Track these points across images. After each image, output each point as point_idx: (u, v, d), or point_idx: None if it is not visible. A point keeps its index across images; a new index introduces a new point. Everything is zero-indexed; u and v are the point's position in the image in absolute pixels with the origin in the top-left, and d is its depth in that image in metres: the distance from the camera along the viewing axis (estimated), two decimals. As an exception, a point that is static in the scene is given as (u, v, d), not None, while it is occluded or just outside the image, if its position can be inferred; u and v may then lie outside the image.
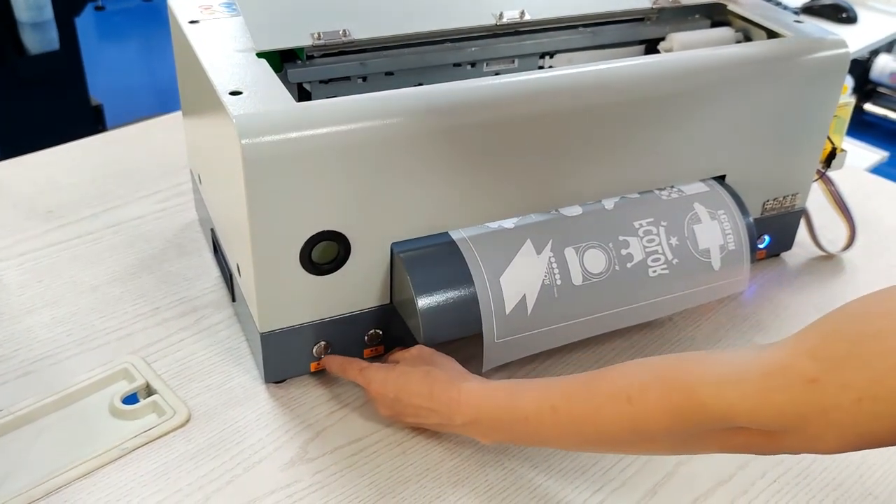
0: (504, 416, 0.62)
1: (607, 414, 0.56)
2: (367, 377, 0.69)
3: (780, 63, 0.76)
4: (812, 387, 0.46)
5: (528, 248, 0.70)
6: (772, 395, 0.48)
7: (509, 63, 0.82)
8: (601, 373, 0.58)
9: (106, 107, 2.27)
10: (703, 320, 0.82)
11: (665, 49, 0.83)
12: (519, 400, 0.61)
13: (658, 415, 0.53)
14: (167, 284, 0.84)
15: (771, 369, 0.48)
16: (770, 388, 0.48)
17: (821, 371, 0.46)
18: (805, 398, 0.46)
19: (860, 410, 0.44)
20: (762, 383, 0.48)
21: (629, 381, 0.55)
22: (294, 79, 0.73)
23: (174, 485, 0.64)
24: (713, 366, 0.52)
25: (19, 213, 0.95)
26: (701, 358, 0.54)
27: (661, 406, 0.53)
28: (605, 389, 0.57)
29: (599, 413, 0.56)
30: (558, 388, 0.60)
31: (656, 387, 0.53)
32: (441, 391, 0.64)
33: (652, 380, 0.54)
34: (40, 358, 0.75)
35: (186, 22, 0.76)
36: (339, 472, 0.66)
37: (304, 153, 0.61)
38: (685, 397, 0.52)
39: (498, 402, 0.62)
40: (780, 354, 0.48)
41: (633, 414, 0.54)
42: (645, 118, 0.72)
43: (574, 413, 0.58)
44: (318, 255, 0.66)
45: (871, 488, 0.66)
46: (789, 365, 0.47)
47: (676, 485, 0.66)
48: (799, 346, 0.48)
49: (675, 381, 0.53)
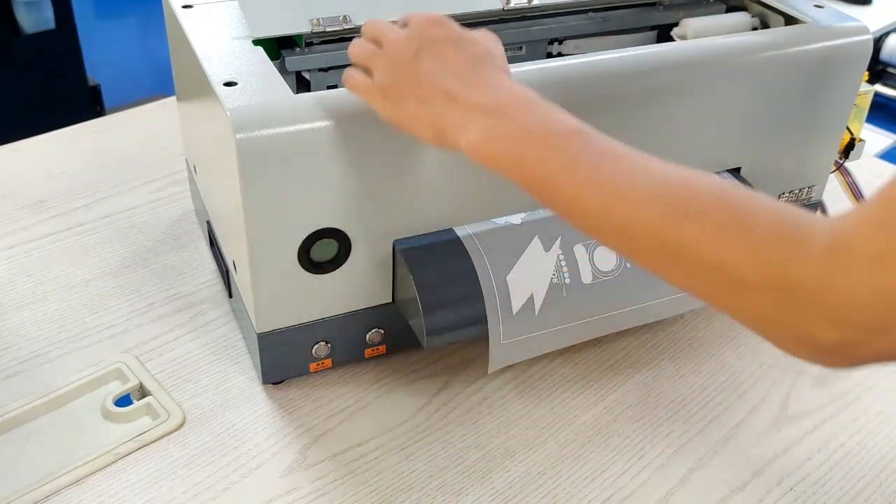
0: (549, 148, 0.48)
1: (655, 208, 0.45)
2: (392, 35, 0.56)
3: (798, 51, 0.73)
4: (880, 266, 0.38)
5: (536, 245, 0.67)
6: (834, 278, 0.39)
7: (517, 50, 0.78)
8: (671, 166, 0.48)
9: (103, 87, 2.24)
10: (716, 318, 0.80)
11: (678, 35, 0.80)
12: (556, 120, 0.49)
13: (709, 246, 0.43)
14: (162, 279, 0.82)
15: (835, 244, 0.40)
16: (832, 269, 0.40)
17: (888, 244, 0.38)
18: (871, 281, 0.39)
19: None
20: (825, 261, 0.40)
21: (695, 195, 0.45)
22: (292, 67, 0.70)
23: (168, 493, 0.62)
24: (785, 224, 0.43)
25: (9, 203, 0.92)
26: (777, 208, 0.44)
27: (718, 239, 0.43)
28: (662, 181, 0.46)
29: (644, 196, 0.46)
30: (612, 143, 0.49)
31: (720, 217, 0.44)
32: (484, 64, 0.53)
33: (718, 210, 0.44)
34: (29, 357, 0.72)
35: (180, 6, 0.73)
36: (339, 479, 0.63)
37: (301, 147, 0.58)
38: (743, 242, 0.43)
39: (557, 127, 0.49)
40: (845, 225, 0.40)
41: (681, 231, 0.44)
42: (657, 108, 0.69)
43: (615, 171, 0.48)
44: (317, 253, 0.63)
45: (890, 498, 0.64)
46: (853, 239, 0.40)
47: (689, 493, 0.64)
48: (866, 215, 0.40)
49: (741, 221, 0.43)
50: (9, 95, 1.98)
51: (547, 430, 0.68)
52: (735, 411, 0.71)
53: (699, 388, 0.73)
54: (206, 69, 0.63)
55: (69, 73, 2.10)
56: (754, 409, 0.71)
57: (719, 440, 0.68)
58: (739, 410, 0.71)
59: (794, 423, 0.70)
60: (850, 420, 0.70)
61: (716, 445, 0.67)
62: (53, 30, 2.00)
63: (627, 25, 0.81)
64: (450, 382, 0.72)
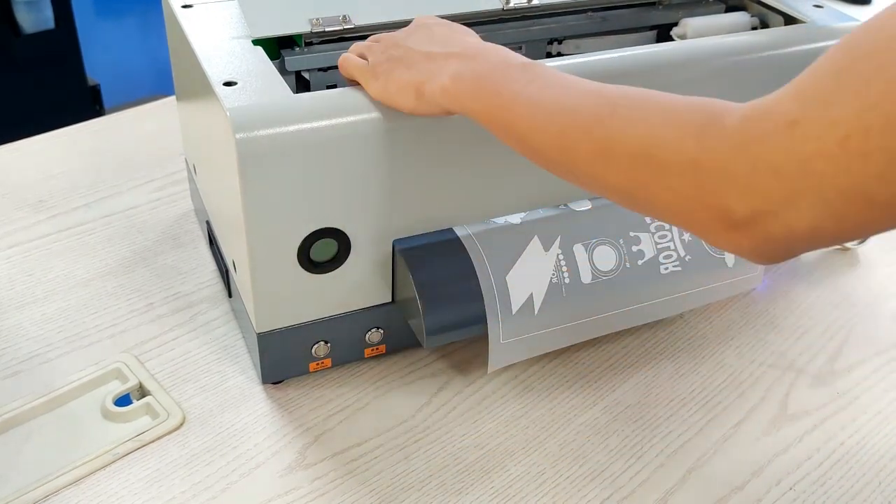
0: (499, 74, 0.53)
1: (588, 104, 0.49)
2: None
3: (798, 51, 0.72)
4: (792, 130, 0.38)
5: (536, 244, 0.67)
6: (750, 147, 0.40)
7: (516, 49, 0.78)
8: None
9: (103, 87, 2.23)
10: (716, 317, 0.80)
11: (678, 35, 0.80)
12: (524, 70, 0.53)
13: (636, 130, 0.46)
14: (161, 278, 0.82)
15: (752, 114, 0.41)
16: (748, 135, 0.40)
17: (801, 111, 0.38)
18: (786, 146, 0.38)
19: (846, 151, 0.36)
20: (741, 127, 0.41)
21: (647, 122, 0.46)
22: (292, 67, 0.70)
23: (168, 492, 0.62)
24: (707, 104, 0.44)
25: (8, 202, 0.92)
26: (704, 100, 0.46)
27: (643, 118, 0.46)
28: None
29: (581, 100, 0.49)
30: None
31: (645, 106, 0.46)
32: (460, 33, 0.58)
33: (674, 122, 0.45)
34: (29, 357, 0.72)
35: (179, 6, 0.73)
36: (338, 479, 0.63)
37: (301, 147, 0.58)
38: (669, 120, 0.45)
39: (510, 63, 0.54)
40: (765, 100, 0.41)
41: (613, 126, 0.47)
42: (658, 109, 0.69)
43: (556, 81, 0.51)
44: (316, 252, 0.63)
45: (890, 497, 0.64)
46: (770, 108, 0.40)
47: (689, 492, 0.64)
48: (786, 90, 0.41)
49: (663, 103, 0.46)
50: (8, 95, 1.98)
51: (546, 430, 0.68)
52: (734, 411, 0.71)
53: (698, 387, 0.73)
54: (206, 69, 0.63)
55: (69, 72, 2.10)
56: (754, 409, 0.71)
57: (719, 440, 0.68)
58: (739, 410, 0.71)
59: (794, 422, 0.70)
60: (850, 419, 0.70)
61: (715, 445, 0.68)
62: (53, 29, 1.99)
63: (627, 25, 0.81)
64: (449, 382, 0.72)
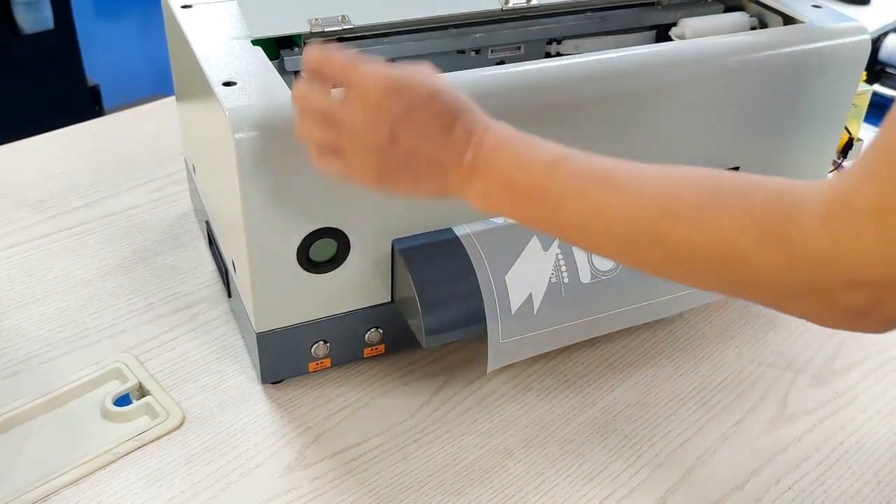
0: (537, 193, 0.49)
1: (650, 222, 0.45)
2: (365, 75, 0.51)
3: (796, 51, 0.73)
4: (882, 217, 0.37)
5: (535, 244, 0.67)
6: (841, 245, 0.39)
7: (515, 50, 0.78)
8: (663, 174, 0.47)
9: (102, 87, 2.23)
10: (715, 317, 0.80)
11: (676, 35, 0.80)
12: (556, 170, 0.49)
13: (711, 245, 0.43)
14: (161, 278, 0.82)
15: (832, 208, 0.39)
16: (836, 235, 0.39)
17: (888, 194, 0.37)
18: (877, 236, 0.38)
19: None
20: (828, 228, 0.39)
21: (680, 195, 0.45)
22: (291, 67, 0.70)
23: (167, 492, 0.62)
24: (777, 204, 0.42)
25: (8, 203, 0.92)
26: (773, 187, 0.43)
27: (716, 239, 0.43)
28: (655, 196, 0.46)
29: (641, 219, 0.46)
30: (610, 183, 0.48)
31: (714, 212, 0.43)
32: (459, 119, 0.51)
33: (708, 204, 0.44)
34: (29, 357, 0.72)
35: (179, 6, 0.73)
36: (338, 479, 0.63)
37: (300, 147, 0.58)
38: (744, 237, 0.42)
39: (536, 171, 0.49)
40: (838, 187, 0.40)
41: (678, 234, 0.44)
42: (656, 108, 0.69)
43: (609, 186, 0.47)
44: (315, 252, 0.63)
45: (888, 496, 0.64)
46: (849, 199, 0.39)
47: (688, 491, 0.64)
48: (858, 173, 0.39)
49: (737, 214, 0.42)
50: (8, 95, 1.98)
51: (546, 430, 0.68)
52: (734, 410, 0.71)
53: (698, 387, 0.73)
54: (206, 69, 0.63)
55: (68, 73, 2.10)
56: (753, 409, 0.71)
57: (718, 439, 0.68)
58: (738, 409, 0.71)
59: (793, 422, 0.70)
60: (849, 419, 0.70)
61: (714, 444, 0.68)
62: (52, 30, 1.99)
63: (626, 25, 0.81)
64: (448, 382, 0.72)
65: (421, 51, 0.74)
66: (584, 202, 0.48)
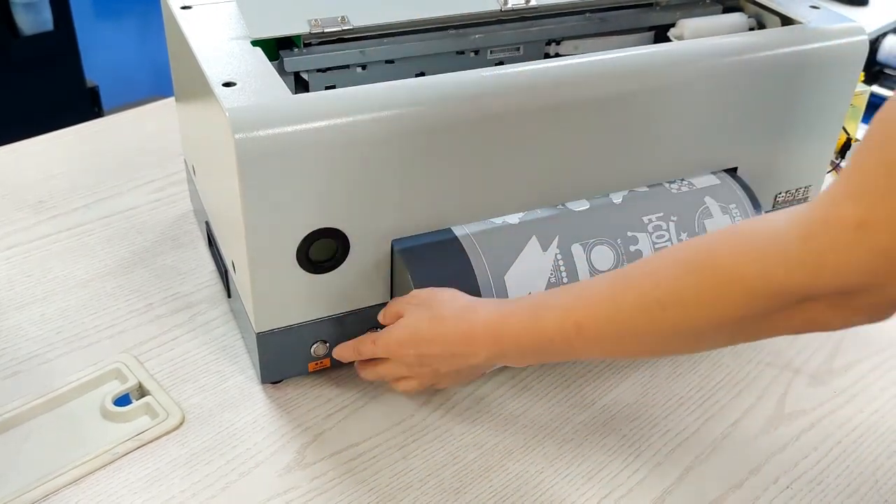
0: (528, 342, 0.57)
1: (642, 325, 0.50)
2: (384, 346, 0.64)
3: (794, 52, 0.73)
4: (862, 232, 0.39)
5: (534, 244, 0.67)
6: (822, 258, 0.41)
7: (514, 51, 0.79)
8: (624, 277, 0.52)
9: (102, 88, 2.23)
10: (713, 317, 0.80)
11: (675, 36, 0.80)
12: (540, 321, 0.56)
13: (700, 313, 0.47)
14: (161, 279, 0.82)
15: (811, 229, 0.42)
16: (817, 250, 0.41)
17: (865, 210, 0.39)
18: (861, 247, 0.40)
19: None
20: (807, 246, 0.42)
21: (656, 283, 0.49)
22: (291, 68, 0.71)
23: (167, 491, 0.62)
24: (749, 242, 0.45)
25: (8, 203, 0.92)
26: (729, 237, 0.47)
27: (702, 302, 0.46)
28: (633, 299, 0.50)
29: (634, 325, 0.50)
30: (581, 302, 0.54)
31: (690, 282, 0.47)
32: (454, 332, 0.59)
33: (682, 274, 0.47)
34: (29, 357, 0.73)
35: (178, 7, 0.73)
36: (337, 479, 0.64)
37: (300, 148, 0.58)
38: (727, 286, 0.45)
39: (517, 328, 0.57)
40: (815, 208, 0.42)
41: (672, 318, 0.48)
42: (654, 108, 0.70)
43: (603, 329, 0.52)
44: (315, 252, 0.64)
45: (886, 495, 0.64)
46: (827, 217, 0.41)
47: (686, 491, 0.64)
48: (833, 194, 0.41)
49: (711, 270, 0.46)
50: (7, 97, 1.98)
51: (545, 429, 0.68)
52: (732, 410, 0.71)
53: (696, 386, 0.73)
54: (205, 70, 0.63)
55: (67, 74, 2.10)
56: (751, 408, 0.71)
57: (716, 438, 0.68)
58: (736, 409, 0.71)
59: (791, 421, 0.70)
60: (847, 418, 0.71)
61: (713, 443, 0.68)
62: (52, 31, 2.00)
63: (625, 26, 0.82)
64: (448, 382, 0.72)
65: (420, 51, 0.74)
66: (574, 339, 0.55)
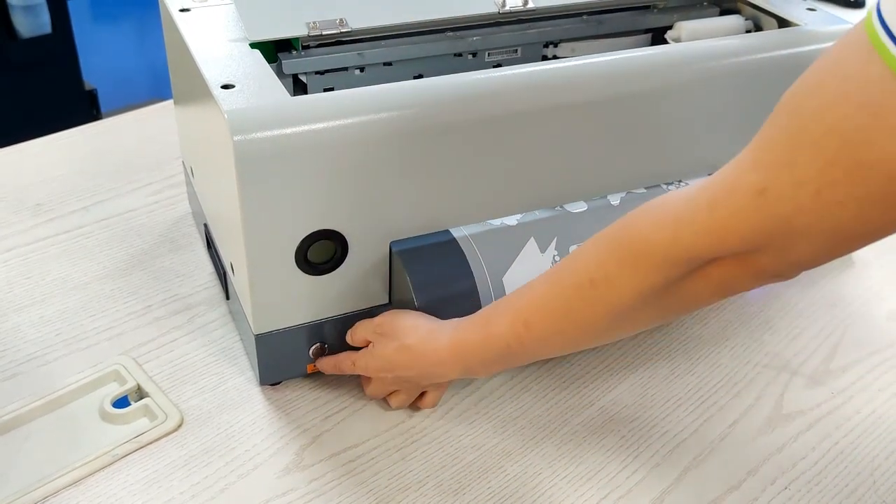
0: (488, 353, 0.59)
1: (578, 307, 0.53)
2: (362, 369, 0.66)
3: (791, 54, 0.73)
4: (763, 198, 0.43)
5: (532, 246, 0.68)
6: (727, 222, 0.44)
7: (512, 53, 0.79)
8: (561, 265, 0.55)
9: (100, 91, 2.23)
10: (711, 318, 0.80)
11: (672, 38, 0.80)
12: (493, 329, 0.58)
13: (623, 284, 0.50)
14: (159, 281, 0.82)
15: (717, 196, 0.45)
16: (723, 216, 0.45)
17: (767, 178, 0.42)
18: (761, 213, 0.43)
19: (821, 203, 0.41)
20: (713, 213, 0.45)
21: (586, 263, 0.52)
22: (289, 70, 0.71)
23: (166, 493, 0.62)
24: (662, 213, 0.49)
25: (6, 206, 0.92)
26: (647, 210, 0.50)
27: (623, 273, 0.49)
28: (569, 281, 0.53)
29: (571, 309, 0.53)
30: (525, 301, 0.57)
31: (612, 257, 0.50)
32: (422, 358, 0.62)
33: (605, 251, 0.51)
34: (28, 359, 0.73)
35: (177, 10, 0.73)
36: (336, 480, 0.64)
37: (298, 150, 0.59)
38: (643, 255, 0.48)
39: (475, 342, 0.59)
40: (722, 177, 0.45)
41: (602, 295, 0.51)
42: (651, 110, 0.70)
43: (547, 320, 0.55)
44: (314, 254, 0.64)
45: (884, 496, 0.64)
46: (733, 185, 0.44)
47: (685, 491, 0.64)
48: (739, 164, 0.45)
49: (628, 242, 0.49)
50: (5, 99, 1.98)
51: (543, 430, 0.69)
52: (730, 411, 0.71)
53: (694, 387, 0.73)
54: (204, 72, 0.63)
55: (65, 77, 2.10)
56: (749, 409, 0.71)
57: (714, 439, 0.68)
58: (734, 410, 0.71)
59: (789, 422, 0.70)
60: (845, 419, 0.71)
61: (711, 444, 0.68)
62: (50, 34, 2.00)
63: (622, 28, 0.82)
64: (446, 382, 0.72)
65: (418, 54, 0.75)
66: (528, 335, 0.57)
